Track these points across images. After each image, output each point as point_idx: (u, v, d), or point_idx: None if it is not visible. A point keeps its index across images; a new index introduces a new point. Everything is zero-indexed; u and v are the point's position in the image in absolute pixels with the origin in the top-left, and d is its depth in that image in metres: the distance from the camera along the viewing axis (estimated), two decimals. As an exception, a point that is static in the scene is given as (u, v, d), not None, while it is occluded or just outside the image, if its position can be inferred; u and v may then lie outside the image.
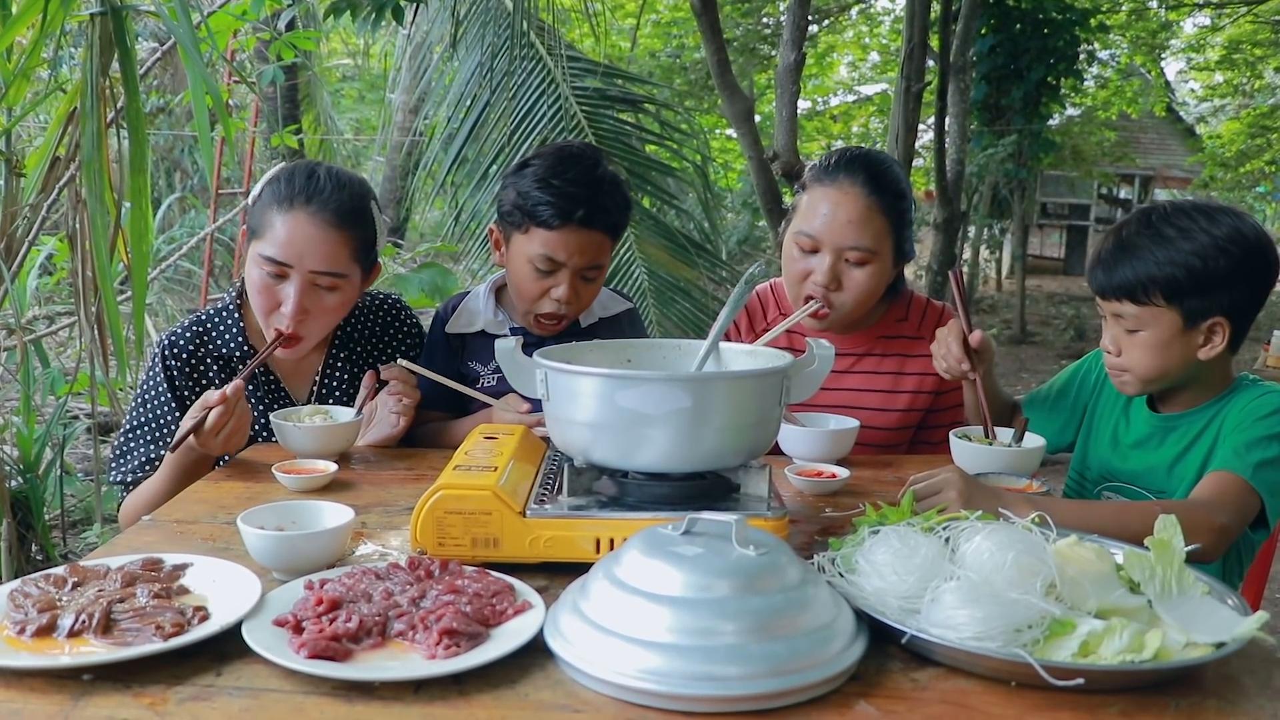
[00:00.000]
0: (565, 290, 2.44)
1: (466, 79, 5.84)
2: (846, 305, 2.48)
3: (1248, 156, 18.82)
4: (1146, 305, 2.05)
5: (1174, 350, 2.08)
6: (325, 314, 2.37)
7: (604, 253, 2.49)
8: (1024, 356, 13.11)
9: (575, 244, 2.41)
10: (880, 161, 2.49)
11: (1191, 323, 2.05)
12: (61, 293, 6.86)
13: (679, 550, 1.30)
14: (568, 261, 2.42)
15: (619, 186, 2.49)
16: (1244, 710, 1.21)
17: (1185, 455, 2.17)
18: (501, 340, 1.78)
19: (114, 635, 1.29)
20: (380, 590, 1.41)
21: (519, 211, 2.42)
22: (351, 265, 2.36)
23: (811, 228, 2.44)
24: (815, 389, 1.79)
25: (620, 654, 1.21)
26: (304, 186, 2.30)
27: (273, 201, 2.30)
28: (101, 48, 3.12)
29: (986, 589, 1.30)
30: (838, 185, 2.43)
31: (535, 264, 2.43)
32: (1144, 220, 2.09)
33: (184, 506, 1.94)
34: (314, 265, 2.29)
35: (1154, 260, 2.02)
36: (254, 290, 2.34)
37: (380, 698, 1.19)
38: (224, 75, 6.32)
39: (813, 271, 2.45)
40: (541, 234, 2.40)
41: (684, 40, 15.94)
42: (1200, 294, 2.02)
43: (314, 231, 2.28)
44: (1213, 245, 2.00)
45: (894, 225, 2.46)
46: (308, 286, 2.30)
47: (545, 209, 2.38)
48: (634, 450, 1.60)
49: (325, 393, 2.53)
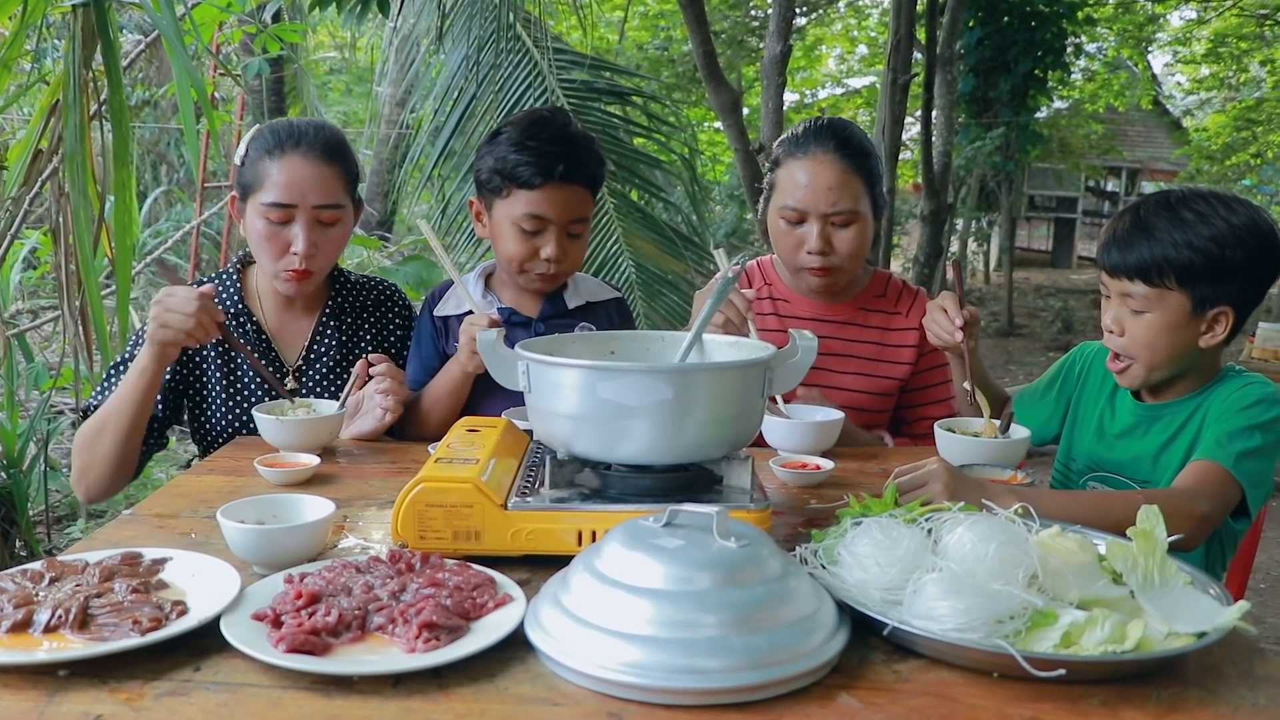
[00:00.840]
0: (554, 248, 2.48)
1: (453, 72, 5.82)
2: (845, 264, 2.56)
3: (1233, 149, 18.84)
4: (1158, 287, 2.04)
5: (1178, 335, 2.07)
6: (330, 247, 2.48)
7: (586, 207, 2.55)
8: (1011, 349, 13.14)
9: (559, 200, 2.46)
10: (845, 126, 2.60)
11: (1200, 309, 2.05)
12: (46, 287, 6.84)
13: (660, 543, 1.30)
14: (553, 218, 2.47)
15: (591, 143, 2.55)
16: (1225, 700, 1.21)
17: (1170, 444, 2.17)
18: (483, 332, 1.76)
19: (91, 630, 1.28)
20: (360, 584, 1.40)
21: (498, 176, 2.47)
22: (344, 196, 2.47)
23: (794, 200, 2.52)
24: (798, 380, 1.78)
25: (601, 647, 1.20)
26: (289, 133, 2.42)
27: (262, 153, 2.40)
28: (84, 39, 3.10)
29: (968, 580, 1.29)
30: (810, 155, 2.52)
31: (521, 225, 2.47)
32: (1162, 202, 2.08)
33: (165, 500, 1.93)
34: (316, 200, 2.39)
35: (1171, 242, 2.01)
36: (259, 242, 2.42)
37: (359, 692, 1.19)
38: (209, 68, 6.31)
39: (804, 240, 2.54)
40: (524, 195, 2.45)
41: (672, 33, 15.92)
42: (1213, 281, 2.02)
43: (309, 169, 2.39)
44: (1230, 234, 1.99)
45: (867, 183, 2.55)
46: (313, 223, 2.40)
47: (525, 169, 2.43)
48: (616, 442, 1.59)
49: (313, 357, 2.58)
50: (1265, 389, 2.12)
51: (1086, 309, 16.49)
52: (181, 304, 2.11)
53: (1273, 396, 2.10)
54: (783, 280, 2.77)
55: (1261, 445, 2.02)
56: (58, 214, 3.52)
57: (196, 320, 2.12)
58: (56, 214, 3.53)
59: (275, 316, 2.58)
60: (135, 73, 8.98)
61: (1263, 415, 2.06)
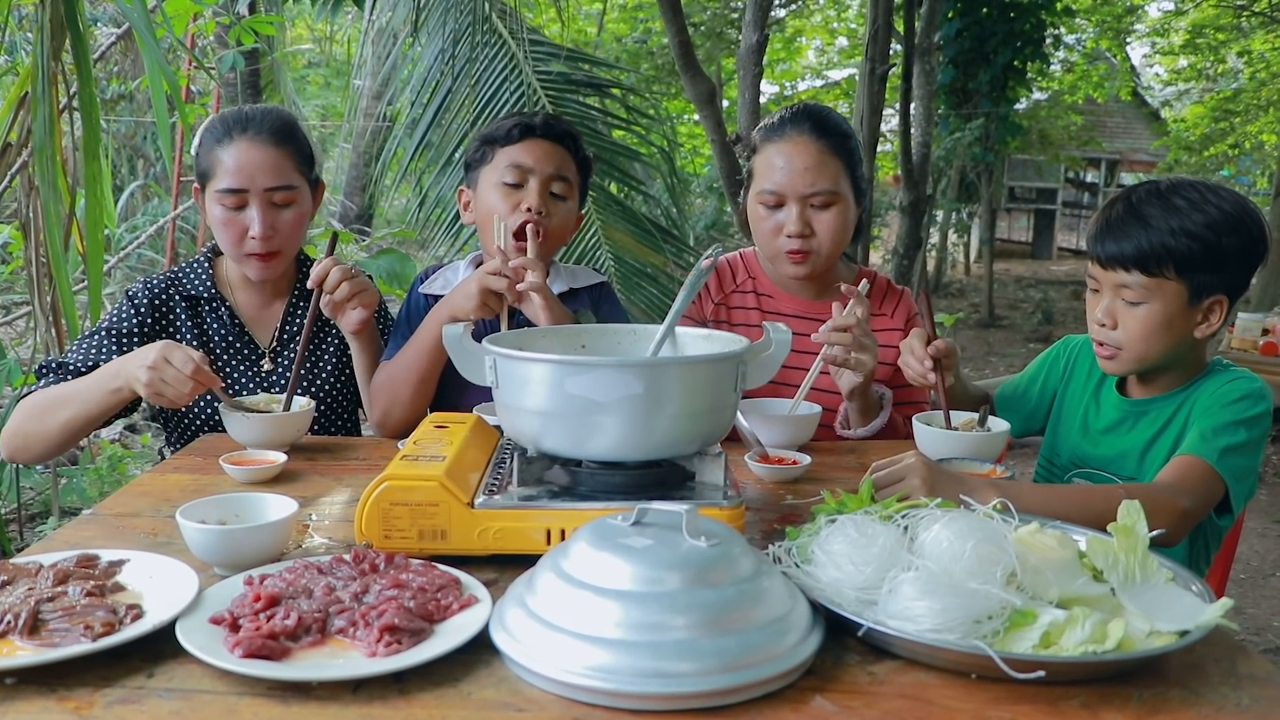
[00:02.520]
0: (536, 199, 2.47)
1: (429, 64, 5.76)
2: (824, 247, 2.53)
3: (1211, 140, 18.91)
4: (1156, 276, 2.01)
5: (1175, 327, 2.05)
6: (288, 228, 2.50)
7: (568, 167, 2.56)
8: (992, 340, 13.15)
9: (539, 151, 2.50)
10: (821, 109, 2.59)
11: (1196, 299, 2.03)
12: (17, 282, 6.77)
13: (628, 542, 1.27)
14: (535, 167, 2.49)
15: (572, 127, 2.62)
16: (1208, 699, 1.19)
17: (1156, 440, 2.15)
18: (449, 326, 1.73)
19: (41, 636, 1.24)
20: (322, 585, 1.37)
21: (483, 144, 2.55)
22: (297, 176, 2.51)
23: (772, 183, 2.50)
24: (772, 374, 1.76)
25: (567, 650, 1.17)
26: (237, 119, 2.48)
27: (212, 143, 2.46)
28: (53, 31, 3.06)
29: (945, 579, 1.27)
30: (787, 138, 2.51)
31: (504, 180, 2.48)
32: (1154, 191, 2.06)
33: (127, 500, 1.89)
34: (266, 182, 2.43)
35: (1168, 229, 1.99)
36: (218, 228, 2.47)
37: (317, 698, 1.15)
38: (184, 62, 6.24)
39: (783, 225, 2.51)
40: (506, 151, 2.50)
41: (650, 25, 15.88)
42: (1210, 269, 2.00)
43: (258, 153, 2.44)
44: (1224, 220, 1.98)
45: (847, 164, 2.54)
46: (266, 205, 2.44)
47: (505, 127, 2.52)
48: (586, 439, 1.55)
49: (287, 338, 2.62)
50: (1251, 384, 2.10)
51: (1067, 300, 16.53)
52: (178, 380, 2.07)
53: (1259, 392, 2.08)
54: (766, 274, 2.73)
55: (1246, 441, 2.00)
56: (28, 208, 3.47)
57: (190, 395, 2.09)
58: (26, 208, 3.48)
59: (247, 302, 2.62)
60: (110, 66, 8.90)
61: (1248, 411, 2.04)
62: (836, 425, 2.52)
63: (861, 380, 2.32)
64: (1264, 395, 2.08)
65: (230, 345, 2.57)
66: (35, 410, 2.27)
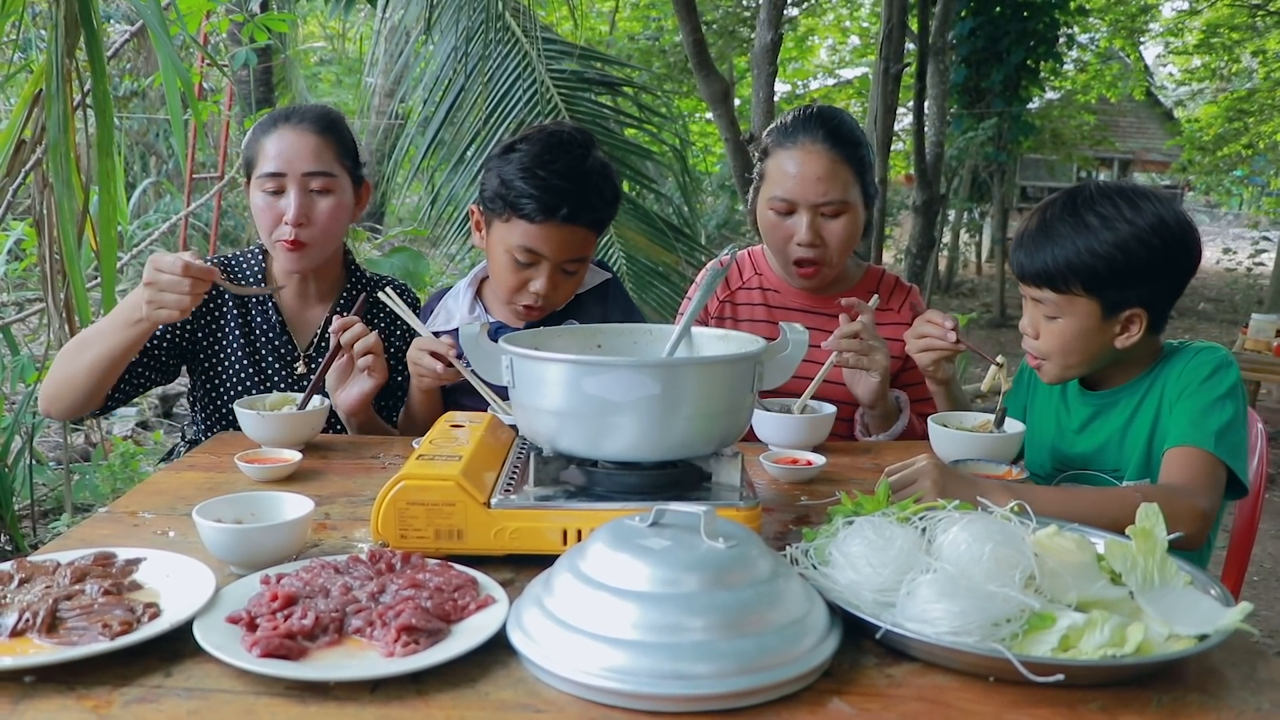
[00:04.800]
0: (544, 284, 2.40)
1: (442, 62, 5.77)
2: (834, 256, 2.54)
3: (1225, 140, 18.83)
4: (1065, 294, 2.02)
5: (1092, 339, 2.06)
6: (324, 219, 2.49)
7: (587, 247, 2.45)
8: (1004, 340, 13.11)
9: (557, 239, 2.35)
10: (834, 115, 2.56)
11: (1110, 313, 2.03)
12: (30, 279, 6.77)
13: (646, 543, 1.26)
14: (548, 255, 2.37)
15: (608, 178, 2.43)
16: (1227, 704, 1.18)
17: (1130, 426, 2.14)
18: (466, 325, 1.73)
19: (59, 634, 1.25)
20: (339, 585, 1.37)
21: (501, 200, 2.36)
22: (337, 165, 2.51)
23: (784, 190, 2.50)
24: (789, 375, 1.75)
25: (585, 651, 1.17)
26: (283, 112, 2.54)
27: (259, 133, 2.50)
28: (67, 28, 3.06)
29: (964, 582, 1.26)
30: (799, 145, 2.49)
31: (515, 255, 2.37)
32: (1068, 205, 2.05)
33: (142, 498, 1.89)
34: (304, 167, 2.45)
35: (1074, 248, 1.99)
36: (258, 215, 2.48)
37: (335, 698, 1.15)
38: (197, 59, 6.25)
39: (794, 232, 2.51)
40: (522, 226, 2.34)
41: (663, 23, 15.87)
42: (1120, 286, 1.99)
43: (298, 138, 2.46)
44: (1134, 237, 1.96)
45: (857, 172, 2.52)
46: (303, 190, 2.45)
47: (528, 202, 2.31)
48: (602, 439, 1.55)
49: (325, 346, 2.58)
50: (1216, 354, 2.10)
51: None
52: (173, 285, 2.07)
53: (1226, 359, 2.09)
54: (773, 270, 2.74)
55: (1234, 415, 2.00)
56: (42, 205, 3.48)
57: (191, 295, 2.08)
58: (40, 205, 3.48)
59: (292, 301, 2.62)
60: (123, 63, 8.91)
61: (1225, 382, 2.04)
62: (858, 434, 2.53)
63: (878, 384, 2.33)
64: (1231, 361, 2.09)
65: (271, 342, 2.57)
66: (64, 356, 2.27)
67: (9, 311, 5.92)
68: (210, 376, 2.57)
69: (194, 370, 2.60)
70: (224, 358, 2.56)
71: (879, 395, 2.39)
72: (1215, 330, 13.71)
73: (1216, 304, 16.44)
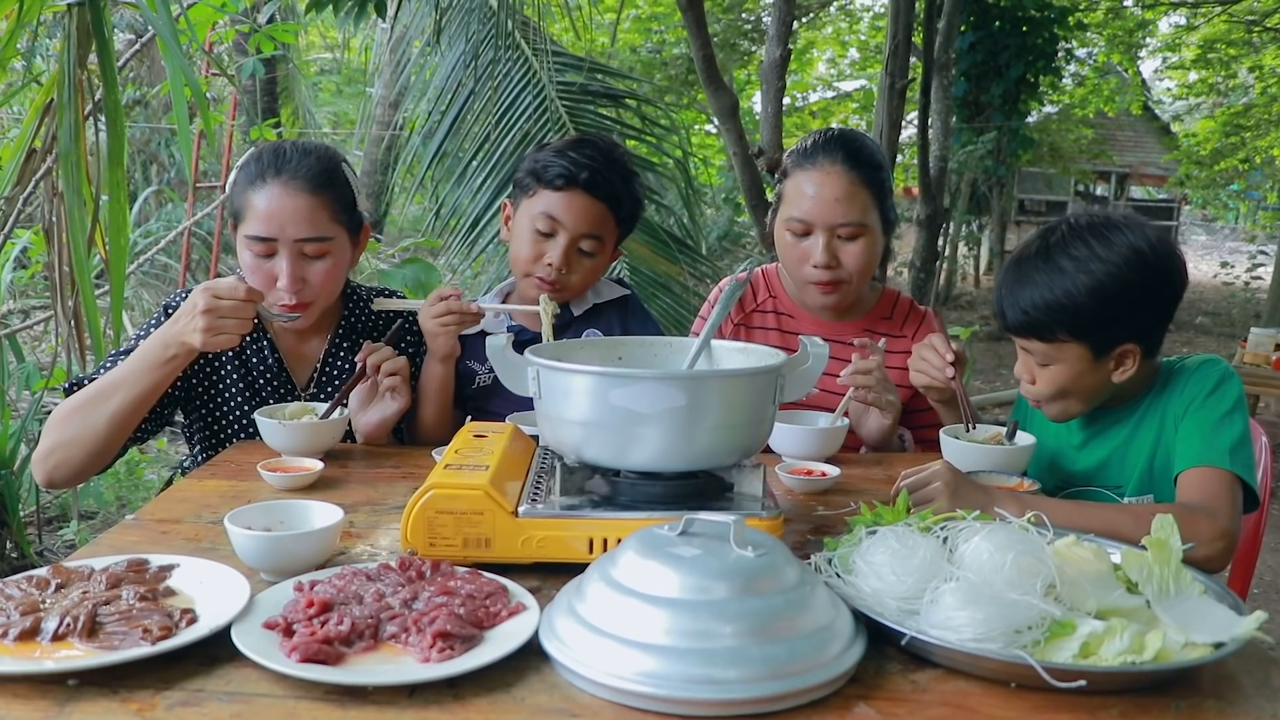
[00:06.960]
0: (559, 255, 2.48)
1: (448, 72, 5.80)
2: (852, 278, 2.54)
3: (1222, 155, 18.92)
4: (1053, 342, 2.01)
5: (1087, 379, 2.05)
6: (321, 279, 2.37)
7: (604, 226, 2.54)
8: (1002, 353, 13.13)
9: (576, 207, 2.49)
10: (855, 138, 2.56)
11: (1101, 353, 2.01)
12: (37, 286, 6.80)
13: (676, 551, 1.29)
14: (566, 223, 2.49)
15: (632, 177, 2.60)
16: (1243, 710, 1.21)
17: (1132, 442, 2.14)
18: (493, 337, 1.76)
19: (99, 639, 1.27)
20: (371, 592, 1.39)
21: (530, 176, 2.54)
22: (333, 227, 2.36)
23: (801, 211, 2.49)
24: (809, 387, 1.78)
25: (617, 657, 1.19)
26: (272, 161, 2.33)
27: (246, 183, 2.33)
28: (79, 39, 3.08)
29: (986, 590, 1.29)
30: (819, 167, 2.49)
31: (536, 224, 2.50)
32: (1041, 251, 2.02)
33: (167, 505, 1.91)
34: (297, 233, 2.30)
35: (1052, 296, 1.97)
36: (248, 273, 2.33)
37: (374, 702, 1.17)
38: (202, 68, 6.28)
39: (810, 254, 2.50)
40: (546, 195, 2.50)
41: (664, 36, 15.90)
42: (1105, 326, 1.98)
43: (289, 200, 2.29)
44: (1109, 276, 1.94)
45: (876, 196, 2.52)
46: (296, 256, 2.31)
47: (553, 168, 2.49)
48: (627, 449, 1.58)
49: (325, 380, 2.52)
50: (1217, 366, 2.10)
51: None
52: (236, 310, 2.07)
53: (1227, 371, 2.09)
54: (788, 294, 2.73)
55: (1243, 430, 2.00)
56: (51, 213, 3.49)
57: (251, 317, 2.10)
58: (50, 213, 3.50)
59: (287, 337, 2.51)
60: (128, 72, 8.93)
61: (1230, 396, 2.04)
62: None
63: (888, 426, 2.37)
64: (1232, 373, 2.09)
65: (270, 382, 2.48)
66: (72, 414, 2.12)
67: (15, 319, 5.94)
68: (208, 421, 2.49)
69: (189, 412, 2.50)
70: (222, 401, 2.47)
71: (886, 436, 2.42)
72: (1213, 344, 13.74)
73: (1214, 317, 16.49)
